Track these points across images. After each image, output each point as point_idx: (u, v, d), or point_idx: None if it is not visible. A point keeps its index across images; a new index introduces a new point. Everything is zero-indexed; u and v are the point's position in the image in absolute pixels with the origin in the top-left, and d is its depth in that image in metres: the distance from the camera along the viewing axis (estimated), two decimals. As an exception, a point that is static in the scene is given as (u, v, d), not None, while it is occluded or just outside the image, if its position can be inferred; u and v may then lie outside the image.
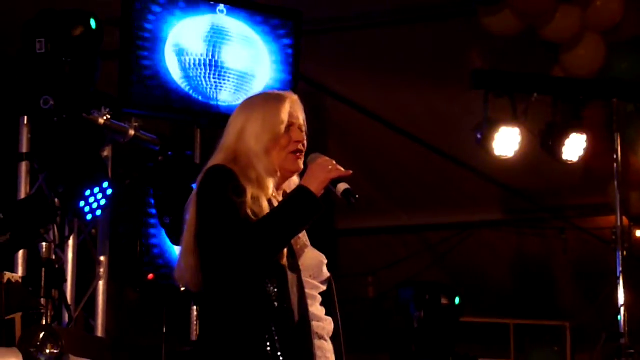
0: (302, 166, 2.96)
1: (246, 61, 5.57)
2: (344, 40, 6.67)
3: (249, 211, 2.79)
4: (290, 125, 2.94)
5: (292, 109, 2.96)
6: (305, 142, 2.97)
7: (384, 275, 8.79)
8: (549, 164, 6.67)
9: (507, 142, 6.33)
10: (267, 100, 2.99)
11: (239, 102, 5.37)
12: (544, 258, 8.74)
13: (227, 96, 5.49)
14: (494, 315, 8.51)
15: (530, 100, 6.37)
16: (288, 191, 2.97)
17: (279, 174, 2.94)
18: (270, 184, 2.92)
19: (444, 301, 7.05)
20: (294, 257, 2.87)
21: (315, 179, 2.82)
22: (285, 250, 2.84)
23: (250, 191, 2.83)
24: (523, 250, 8.83)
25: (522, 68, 6.54)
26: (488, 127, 6.28)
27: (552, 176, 7.40)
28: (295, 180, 3.00)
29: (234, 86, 5.51)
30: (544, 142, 6.46)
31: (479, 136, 6.34)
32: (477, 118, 6.40)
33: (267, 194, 2.89)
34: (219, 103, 5.48)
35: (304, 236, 2.97)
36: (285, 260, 2.83)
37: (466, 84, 6.29)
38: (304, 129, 2.98)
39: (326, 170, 2.83)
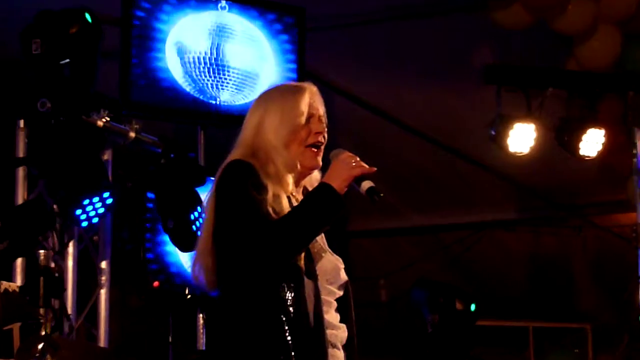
0: (320, 163, 2.92)
1: (249, 59, 5.56)
2: (351, 36, 6.62)
3: (269, 209, 2.75)
4: (310, 116, 2.90)
5: (312, 100, 2.93)
6: (326, 135, 2.93)
7: (396, 278, 8.74)
8: (566, 160, 6.62)
9: (521, 138, 6.27)
10: (285, 92, 2.96)
11: (242, 101, 5.50)
12: (562, 258, 8.68)
13: (230, 95, 5.47)
14: (511, 318, 8.47)
15: (545, 94, 6.31)
16: (309, 187, 2.94)
17: (299, 168, 2.90)
18: (290, 179, 2.87)
19: (458, 305, 6.99)
20: (311, 261, 2.83)
21: (338, 176, 2.77)
22: (302, 253, 2.80)
23: (270, 188, 2.79)
24: (540, 250, 8.78)
25: (535, 62, 6.47)
26: (502, 124, 6.23)
27: (569, 173, 7.35)
28: (316, 176, 2.96)
29: (237, 85, 5.50)
30: (560, 137, 6.39)
31: (492, 133, 6.28)
32: (490, 114, 6.34)
33: (287, 191, 2.85)
34: (222, 103, 5.46)
35: (321, 239, 2.92)
36: (302, 263, 2.79)
37: (478, 80, 6.22)
38: (324, 120, 2.94)
39: (349, 166, 2.79)
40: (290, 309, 2.74)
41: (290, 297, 2.75)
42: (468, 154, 7.60)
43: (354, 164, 2.80)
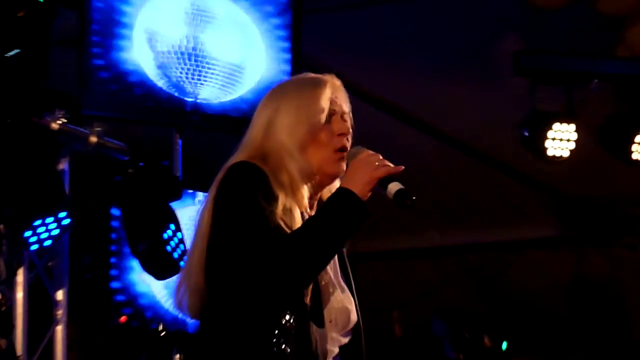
0: (344, 169, 2.88)
1: (234, 48, 5.54)
2: (357, 20, 6.63)
3: (280, 222, 2.71)
4: (331, 114, 2.89)
5: (334, 95, 2.92)
6: (350, 138, 2.91)
7: (413, 308, 8.74)
8: (615, 167, 6.61)
9: (561, 140, 6.27)
10: (302, 85, 2.94)
11: (226, 98, 5.49)
12: (612, 283, 8.71)
13: (210, 92, 5.47)
14: (551, 356, 8.46)
15: (589, 88, 6.31)
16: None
17: (317, 177, 2.88)
18: (305, 192, 2.85)
19: (487, 342, 6.99)
20: (318, 297, 2.79)
21: (360, 179, 2.73)
22: (310, 287, 2.75)
23: (281, 199, 2.75)
24: (586, 274, 8.81)
25: (576, 49, 6.47)
26: (537, 123, 6.23)
27: (619, 181, 7.36)
28: (337, 186, 2.91)
29: (220, 80, 5.49)
30: (607, 139, 6.40)
31: (525, 134, 6.28)
32: (522, 112, 6.32)
33: (302, 205, 2.82)
34: (201, 100, 5.45)
35: (332, 269, 2.89)
36: (308, 300, 2.75)
37: (507, 71, 6.20)
38: (349, 119, 2.93)
39: (372, 167, 2.75)
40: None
41: (290, 346, 2.71)
42: (497, 159, 7.62)
43: (377, 163, 2.76)
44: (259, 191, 2.72)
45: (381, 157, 2.79)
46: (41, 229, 4.70)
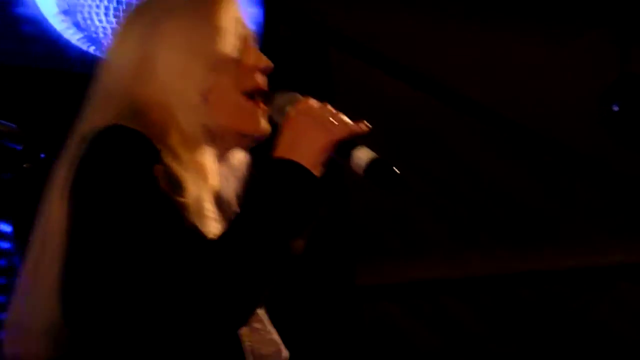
0: (268, 125, 2.79)
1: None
2: None
3: (195, 219, 2.54)
4: (240, 39, 2.80)
5: (238, 12, 2.82)
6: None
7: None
8: None
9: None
10: None
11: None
12: None
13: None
14: None
15: None
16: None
17: (224, 144, 2.76)
18: (214, 168, 2.72)
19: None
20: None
21: (309, 145, 2.59)
22: None
23: (191, 184, 2.58)
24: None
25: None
26: (631, 93, 6.19)
27: None
28: (239, 159, 2.84)
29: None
30: None
31: (615, 109, 6.22)
32: (608, 76, 6.30)
33: (213, 185, 2.70)
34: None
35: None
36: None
37: (585, 17, 6.14)
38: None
39: (326, 125, 2.61)
40: None
41: None
42: (566, 145, 7.66)
43: (330, 119, 2.60)
44: (159, 171, 2.52)
45: (332, 109, 2.63)
46: None
